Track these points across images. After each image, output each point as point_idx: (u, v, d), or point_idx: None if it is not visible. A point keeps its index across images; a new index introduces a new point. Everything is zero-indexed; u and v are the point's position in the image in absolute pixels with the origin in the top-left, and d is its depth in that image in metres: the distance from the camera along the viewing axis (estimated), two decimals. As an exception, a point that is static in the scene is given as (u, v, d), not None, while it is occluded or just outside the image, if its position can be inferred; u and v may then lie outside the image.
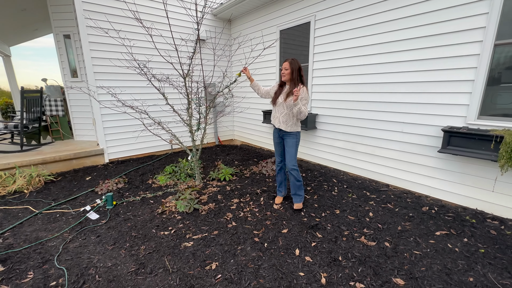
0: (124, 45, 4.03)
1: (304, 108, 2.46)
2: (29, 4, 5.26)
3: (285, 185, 2.98)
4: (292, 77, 2.52)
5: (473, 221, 2.45)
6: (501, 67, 2.40)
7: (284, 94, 2.59)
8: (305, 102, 2.51)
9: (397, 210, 2.73)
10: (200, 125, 3.48)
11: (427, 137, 2.92)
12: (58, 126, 5.25)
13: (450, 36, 2.62)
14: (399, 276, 1.79)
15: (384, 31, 3.11)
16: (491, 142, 2.30)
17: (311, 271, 1.85)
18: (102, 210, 2.84)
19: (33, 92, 4.51)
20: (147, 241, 2.25)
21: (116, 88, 4.27)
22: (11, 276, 1.83)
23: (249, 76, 2.79)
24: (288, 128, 2.61)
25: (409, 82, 2.99)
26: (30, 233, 2.39)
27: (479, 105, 2.52)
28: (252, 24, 5.19)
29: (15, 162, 3.64)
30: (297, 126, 2.65)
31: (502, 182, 2.45)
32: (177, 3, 4.68)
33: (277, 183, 3.00)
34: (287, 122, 2.60)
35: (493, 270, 1.82)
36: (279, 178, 2.96)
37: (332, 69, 3.81)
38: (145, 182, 3.66)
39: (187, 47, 4.81)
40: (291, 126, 2.61)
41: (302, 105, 2.45)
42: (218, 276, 1.82)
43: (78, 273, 1.85)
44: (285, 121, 2.60)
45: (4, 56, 8.27)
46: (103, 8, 4.11)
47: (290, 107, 2.54)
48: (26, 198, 3.14)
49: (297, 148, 2.69)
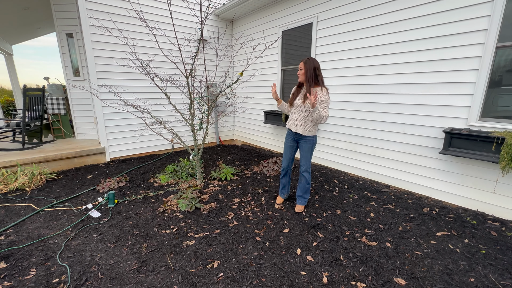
0: (127, 44, 4.05)
1: (325, 112, 2.28)
2: (32, 3, 5.28)
3: (288, 188, 2.95)
4: (307, 77, 2.35)
5: (474, 222, 2.46)
6: (502, 69, 2.42)
7: (302, 95, 2.46)
8: (326, 105, 2.33)
9: (398, 211, 2.74)
10: (202, 125, 3.49)
11: (429, 138, 2.93)
12: (60, 125, 5.26)
13: (452, 38, 2.63)
14: (401, 276, 1.80)
15: (386, 33, 3.13)
16: (493, 143, 2.31)
17: (313, 271, 1.86)
18: (103, 208, 2.85)
19: (35, 91, 4.52)
20: (149, 239, 2.26)
21: (119, 87, 4.29)
22: (13, 273, 1.84)
23: (277, 97, 2.62)
24: (306, 132, 2.47)
25: (411, 84, 3.00)
26: (32, 231, 2.40)
27: (481, 107, 2.53)
28: (254, 25, 5.21)
29: (17, 160, 3.65)
30: (314, 129, 2.50)
31: (503, 183, 2.46)
32: (181, 3, 4.71)
33: (280, 186, 2.94)
34: (305, 125, 2.46)
35: (494, 271, 1.83)
36: (284, 181, 2.88)
37: (334, 70, 3.82)
38: (146, 181, 3.67)
39: (190, 47, 4.85)
40: (309, 130, 2.47)
41: (322, 109, 2.29)
42: (220, 274, 1.83)
43: (81, 270, 1.86)
44: (303, 124, 2.46)
45: (6, 55, 8.30)
46: (107, 7, 4.12)
47: (309, 109, 2.40)
48: (28, 196, 3.14)
49: (313, 153, 2.60)
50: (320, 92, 2.33)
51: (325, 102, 2.34)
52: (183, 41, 4.57)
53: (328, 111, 2.34)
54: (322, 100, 2.33)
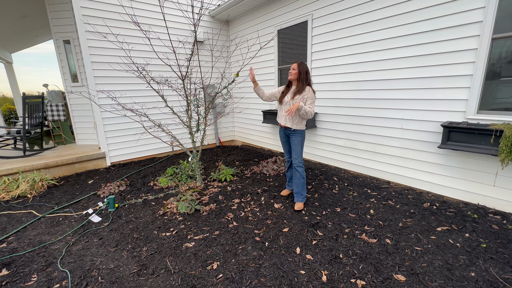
0: (122, 48, 4.07)
1: (309, 108, 2.52)
2: (29, 11, 5.33)
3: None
4: (300, 78, 2.62)
5: (474, 216, 2.44)
6: (499, 61, 2.39)
7: (291, 93, 2.68)
8: (311, 101, 2.57)
9: (398, 207, 2.73)
10: (200, 126, 3.50)
11: (427, 133, 2.91)
12: (60, 131, 5.29)
13: (447, 31, 2.61)
14: (400, 272, 1.79)
15: (381, 28, 3.11)
16: (491, 136, 2.28)
17: (312, 269, 1.86)
18: (104, 212, 2.87)
19: (35, 98, 4.55)
20: (149, 242, 2.27)
21: (116, 91, 4.31)
22: (15, 279, 1.85)
23: (254, 79, 2.82)
24: (294, 125, 2.68)
25: (408, 79, 2.98)
26: (34, 237, 2.42)
27: (478, 99, 2.51)
28: (250, 25, 5.21)
29: (18, 168, 3.68)
30: (302, 124, 2.71)
31: (503, 176, 2.44)
32: (174, 5, 4.72)
33: (287, 178, 3.17)
34: (293, 120, 2.67)
35: (495, 265, 1.81)
36: (289, 174, 3.11)
37: (331, 67, 3.81)
38: (146, 184, 3.69)
39: (185, 49, 4.85)
40: (296, 124, 2.68)
41: (308, 105, 2.54)
42: (220, 275, 1.83)
43: (81, 275, 1.87)
44: (291, 118, 2.67)
45: (5, 63, 8.37)
46: (101, 12, 4.14)
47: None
48: (30, 203, 3.17)
49: (303, 146, 2.78)
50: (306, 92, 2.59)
51: (310, 99, 2.57)
52: (178, 44, 4.58)
53: (313, 107, 2.58)
54: (308, 97, 2.57)
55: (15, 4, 5.01)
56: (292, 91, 2.67)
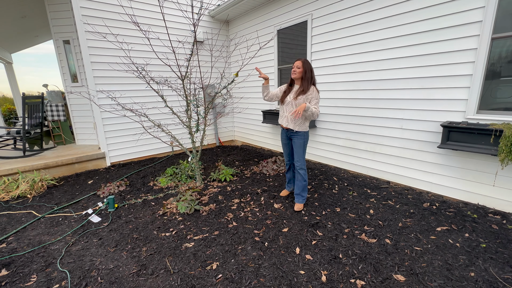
0: (122, 49, 4.07)
1: (315, 109, 2.45)
2: (29, 11, 5.33)
3: (293, 182, 3.05)
4: (305, 76, 2.49)
5: (474, 216, 2.44)
6: (499, 61, 2.39)
7: (294, 92, 2.56)
8: (316, 101, 2.48)
9: (398, 206, 2.73)
10: (199, 126, 3.50)
11: (427, 133, 2.91)
12: (60, 131, 5.30)
13: (447, 31, 2.61)
14: (400, 272, 1.79)
15: (381, 28, 3.11)
16: (491, 136, 2.28)
17: (312, 269, 1.86)
18: (104, 213, 2.87)
19: (34, 98, 4.55)
20: (149, 242, 2.27)
21: (116, 92, 4.31)
22: (15, 280, 1.85)
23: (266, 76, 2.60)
24: (297, 127, 2.58)
25: (407, 78, 2.98)
26: (33, 237, 2.42)
27: (478, 99, 2.51)
28: (250, 25, 5.21)
29: (18, 168, 3.68)
30: (305, 125, 2.61)
31: (502, 176, 2.44)
32: (173, 5, 4.71)
33: (286, 179, 3.13)
34: (295, 121, 2.56)
35: (495, 265, 1.81)
36: (288, 175, 3.08)
37: (330, 67, 3.81)
38: (146, 184, 3.69)
39: (184, 49, 4.85)
40: (299, 125, 2.58)
41: (313, 106, 2.45)
42: (219, 276, 1.83)
43: (81, 276, 1.87)
44: (293, 120, 2.56)
45: (5, 63, 8.37)
46: (101, 12, 4.14)
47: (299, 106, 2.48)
48: (29, 203, 3.17)
49: (305, 149, 2.68)
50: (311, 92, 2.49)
51: (315, 99, 2.49)
52: (177, 44, 4.57)
53: (318, 107, 2.51)
54: (313, 97, 2.48)
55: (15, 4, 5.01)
56: (295, 91, 2.55)
